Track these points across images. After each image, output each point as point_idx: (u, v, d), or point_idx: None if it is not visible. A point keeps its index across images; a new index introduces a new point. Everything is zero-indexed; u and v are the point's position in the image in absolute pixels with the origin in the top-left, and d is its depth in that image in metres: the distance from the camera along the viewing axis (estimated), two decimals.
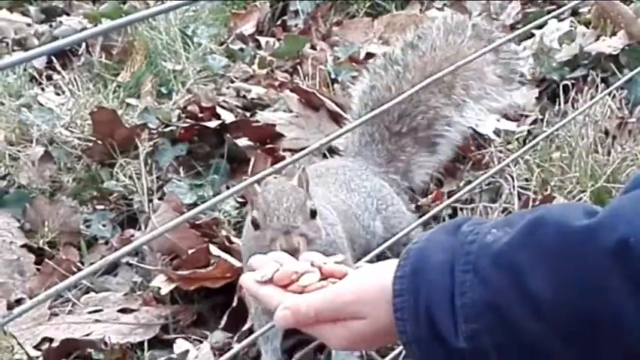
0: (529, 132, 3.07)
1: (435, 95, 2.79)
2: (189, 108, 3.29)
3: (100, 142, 3.04)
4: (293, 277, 1.40)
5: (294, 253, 1.79)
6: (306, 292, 1.37)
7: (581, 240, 1.13)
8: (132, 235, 2.73)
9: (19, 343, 2.29)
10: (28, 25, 4.25)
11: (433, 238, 1.26)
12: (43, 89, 3.50)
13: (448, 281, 1.20)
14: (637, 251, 1.09)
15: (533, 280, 1.14)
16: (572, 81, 3.30)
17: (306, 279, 1.39)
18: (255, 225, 2.08)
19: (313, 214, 2.09)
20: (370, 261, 1.89)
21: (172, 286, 2.49)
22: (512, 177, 2.77)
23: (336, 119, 3.22)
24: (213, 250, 2.58)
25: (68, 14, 4.32)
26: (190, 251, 2.56)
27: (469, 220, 1.27)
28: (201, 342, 2.37)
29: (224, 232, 2.68)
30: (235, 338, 2.36)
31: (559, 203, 2.51)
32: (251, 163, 2.98)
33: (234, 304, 2.43)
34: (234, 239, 2.64)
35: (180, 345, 2.30)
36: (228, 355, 1.58)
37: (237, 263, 2.44)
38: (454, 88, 2.83)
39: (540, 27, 3.55)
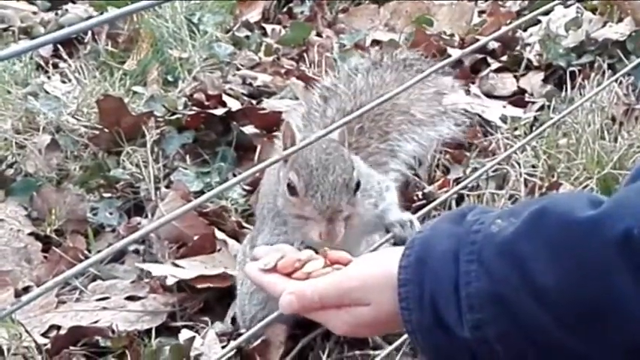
0: (535, 118, 3.07)
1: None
2: (195, 96, 3.29)
3: (106, 130, 3.04)
4: (297, 265, 1.40)
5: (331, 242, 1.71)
6: (311, 278, 1.37)
7: (585, 231, 1.13)
8: (139, 223, 2.73)
9: (26, 331, 2.30)
10: (34, 13, 4.25)
11: (438, 227, 1.27)
12: (49, 77, 3.50)
13: (453, 271, 1.20)
14: None
15: (537, 270, 1.14)
16: (579, 67, 3.30)
17: (311, 266, 1.39)
18: (292, 190, 1.84)
19: (357, 186, 1.85)
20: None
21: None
22: (518, 164, 2.76)
23: None
24: (219, 234, 2.58)
25: (74, 2, 4.31)
26: (195, 237, 2.56)
27: (474, 209, 1.27)
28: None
29: (233, 219, 2.69)
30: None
31: (564, 193, 2.51)
32: (257, 151, 2.98)
33: None
34: (244, 224, 2.64)
35: (186, 335, 2.30)
36: (234, 343, 1.58)
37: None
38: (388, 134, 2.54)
39: (547, 13, 3.54)
